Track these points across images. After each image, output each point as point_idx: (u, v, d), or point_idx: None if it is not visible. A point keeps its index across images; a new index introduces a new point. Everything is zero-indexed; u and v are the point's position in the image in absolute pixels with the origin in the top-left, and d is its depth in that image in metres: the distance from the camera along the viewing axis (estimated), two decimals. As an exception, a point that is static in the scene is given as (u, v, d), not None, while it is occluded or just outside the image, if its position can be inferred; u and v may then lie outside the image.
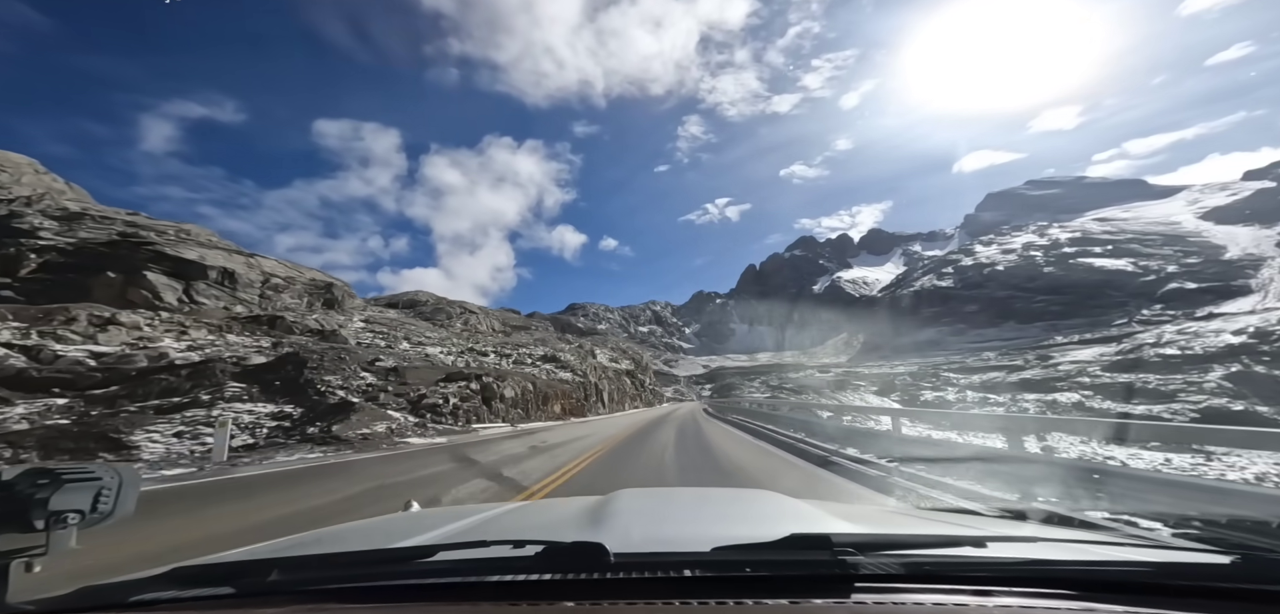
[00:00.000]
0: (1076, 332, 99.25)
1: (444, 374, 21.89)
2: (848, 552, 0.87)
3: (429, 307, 53.37)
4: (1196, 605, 0.75)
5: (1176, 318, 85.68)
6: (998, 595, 0.80)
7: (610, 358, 58.92)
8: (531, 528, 1.36)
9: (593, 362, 42.42)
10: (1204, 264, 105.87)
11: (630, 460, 9.88)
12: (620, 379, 51.02)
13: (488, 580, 0.89)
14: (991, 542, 0.96)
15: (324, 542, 1.31)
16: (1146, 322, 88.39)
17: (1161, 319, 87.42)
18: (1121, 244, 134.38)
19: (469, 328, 50.92)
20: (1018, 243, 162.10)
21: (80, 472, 0.94)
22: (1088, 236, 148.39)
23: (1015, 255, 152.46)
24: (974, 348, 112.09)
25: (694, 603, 0.78)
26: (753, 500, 1.88)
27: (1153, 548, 1.05)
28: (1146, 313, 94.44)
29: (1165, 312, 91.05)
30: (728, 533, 1.16)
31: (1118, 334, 78.79)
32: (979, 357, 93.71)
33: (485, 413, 20.02)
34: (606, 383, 41.03)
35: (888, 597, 0.80)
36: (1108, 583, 0.83)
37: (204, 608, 0.89)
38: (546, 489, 7.00)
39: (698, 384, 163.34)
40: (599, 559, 0.87)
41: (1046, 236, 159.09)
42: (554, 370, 32.17)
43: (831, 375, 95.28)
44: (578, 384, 32.42)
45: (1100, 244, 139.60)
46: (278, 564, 0.97)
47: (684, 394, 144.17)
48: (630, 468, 8.91)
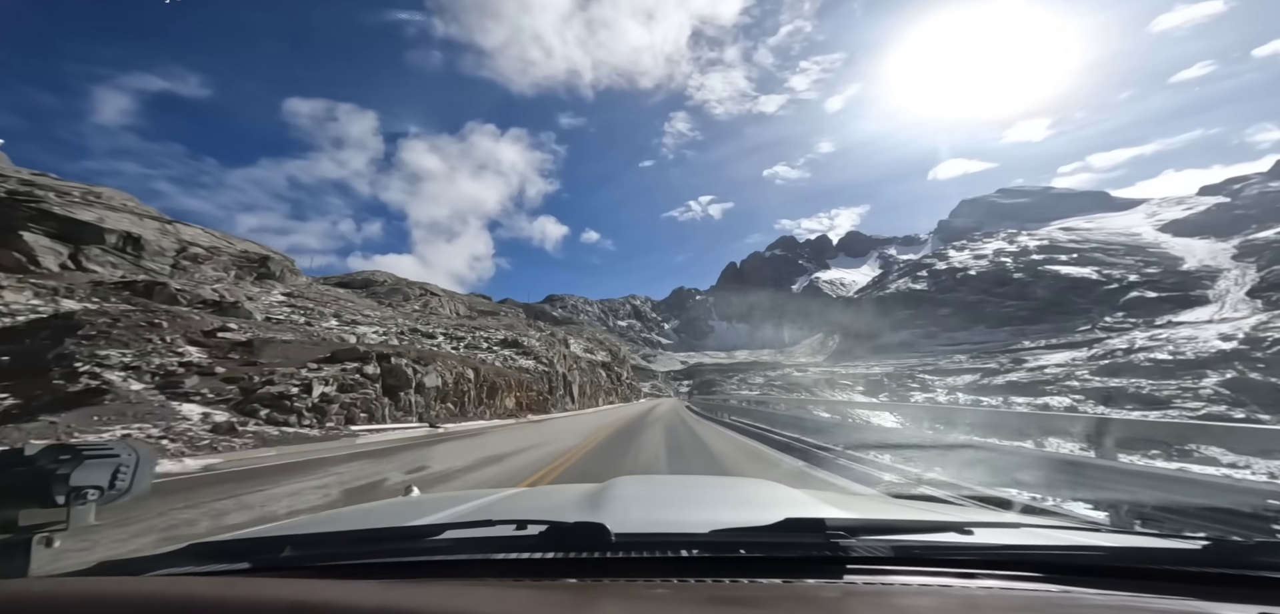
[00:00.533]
0: (1043, 336, 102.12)
1: (328, 353, 17.30)
2: (839, 535, 0.90)
3: (385, 287, 49.79)
4: (1170, 588, 0.78)
5: (1138, 325, 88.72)
6: (981, 577, 0.83)
7: (585, 348, 56.74)
8: (534, 510, 1.43)
9: (563, 351, 39.33)
10: (1163, 274, 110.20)
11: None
12: (594, 372, 48.72)
13: (493, 558, 0.92)
14: (976, 528, 1.00)
15: (335, 522, 1.36)
16: (1109, 328, 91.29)
17: (1124, 326, 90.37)
18: (1086, 253, 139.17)
19: (428, 310, 47.22)
20: (989, 249, 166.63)
21: (100, 449, 0.96)
22: (1054, 245, 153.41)
23: (986, 261, 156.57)
24: (945, 350, 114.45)
25: (691, 582, 0.81)
26: (748, 488, 1.94)
27: (1128, 534, 1.09)
28: (1109, 319, 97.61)
29: (1127, 319, 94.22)
30: (724, 517, 1.24)
31: (1083, 339, 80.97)
32: (951, 359, 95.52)
33: (387, 408, 15.13)
34: (578, 375, 38.14)
35: (877, 578, 0.83)
36: (1085, 566, 0.86)
37: (219, 581, 0.90)
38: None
39: (676, 380, 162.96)
40: (601, 538, 0.89)
41: (1016, 243, 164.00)
42: (513, 357, 28.99)
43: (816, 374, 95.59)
44: (541, 374, 28.93)
45: (1066, 252, 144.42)
46: (290, 541, 1.00)
47: (662, 390, 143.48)
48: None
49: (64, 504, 0.88)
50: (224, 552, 0.99)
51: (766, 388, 78.23)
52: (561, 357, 36.55)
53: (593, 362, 51.79)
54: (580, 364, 43.16)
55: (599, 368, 53.41)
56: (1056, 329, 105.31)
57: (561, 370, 33.29)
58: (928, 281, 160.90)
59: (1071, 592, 0.78)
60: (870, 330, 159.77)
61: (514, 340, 33.58)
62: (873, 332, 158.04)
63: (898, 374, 71.23)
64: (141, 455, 1.01)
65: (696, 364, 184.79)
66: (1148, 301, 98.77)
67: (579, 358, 45.56)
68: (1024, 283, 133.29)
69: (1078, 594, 0.78)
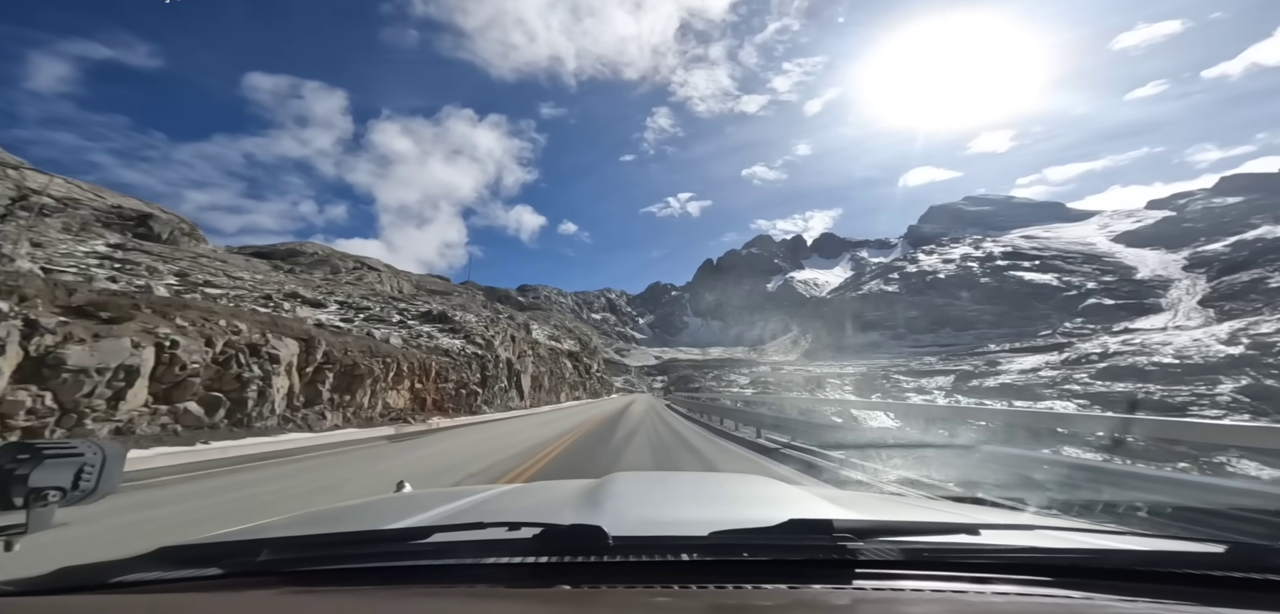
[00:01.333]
0: (1006, 339, 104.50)
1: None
2: (847, 537, 0.87)
3: (312, 258, 44.75)
4: (1188, 593, 0.76)
5: (1097, 330, 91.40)
6: (995, 583, 0.80)
7: (549, 334, 53.53)
8: (528, 510, 1.37)
9: (513, 332, 33.89)
10: (1119, 282, 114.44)
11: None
12: (557, 362, 44.59)
13: (484, 562, 0.88)
14: (986, 529, 0.97)
15: (317, 523, 1.30)
16: (1069, 333, 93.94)
17: (1083, 331, 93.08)
18: (1047, 260, 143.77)
19: (364, 285, 41.90)
20: (957, 253, 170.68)
21: (62, 447, 0.93)
22: (1017, 251, 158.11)
23: (954, 265, 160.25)
24: (913, 352, 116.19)
25: (692, 588, 0.78)
26: (749, 485, 1.87)
27: (1145, 537, 1.07)
28: (1069, 325, 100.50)
29: (1086, 324, 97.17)
30: (726, 516, 1.21)
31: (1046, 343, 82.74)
32: (921, 360, 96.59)
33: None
34: (532, 363, 33.03)
35: (887, 583, 0.79)
36: (1100, 570, 0.84)
37: (189, 589, 0.86)
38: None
39: (650, 375, 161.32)
40: (597, 542, 0.86)
41: (981, 249, 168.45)
42: (434, 334, 23.20)
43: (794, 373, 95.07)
44: (471, 359, 22.60)
45: (1029, 258, 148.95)
46: (267, 544, 0.95)
47: (635, 385, 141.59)
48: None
49: (23, 506, 0.85)
50: (195, 556, 0.92)
51: (754, 385, 76.85)
52: (508, 339, 30.91)
53: (556, 350, 47.54)
54: (538, 350, 38.55)
55: (564, 358, 49.21)
56: (1018, 333, 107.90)
57: (504, 355, 27.40)
58: (899, 284, 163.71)
59: (1093, 599, 0.74)
60: (842, 330, 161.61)
61: (441, 314, 27.79)
62: (844, 331, 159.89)
63: (872, 375, 70.95)
64: (109, 453, 0.96)
65: (671, 359, 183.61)
66: (1105, 308, 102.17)
67: (538, 343, 40.89)
68: (989, 287, 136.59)
69: (1098, 601, 0.74)
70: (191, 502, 5.82)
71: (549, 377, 37.52)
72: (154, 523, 4.88)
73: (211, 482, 6.96)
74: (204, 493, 6.25)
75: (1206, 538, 0.90)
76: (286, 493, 6.47)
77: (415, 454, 10.79)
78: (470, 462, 9.45)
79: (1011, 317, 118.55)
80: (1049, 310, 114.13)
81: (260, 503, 5.86)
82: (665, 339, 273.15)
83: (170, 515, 5.20)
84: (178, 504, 5.70)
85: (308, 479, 7.45)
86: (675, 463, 9.82)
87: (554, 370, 41.27)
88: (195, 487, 6.57)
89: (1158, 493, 3.35)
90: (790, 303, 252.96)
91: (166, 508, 5.49)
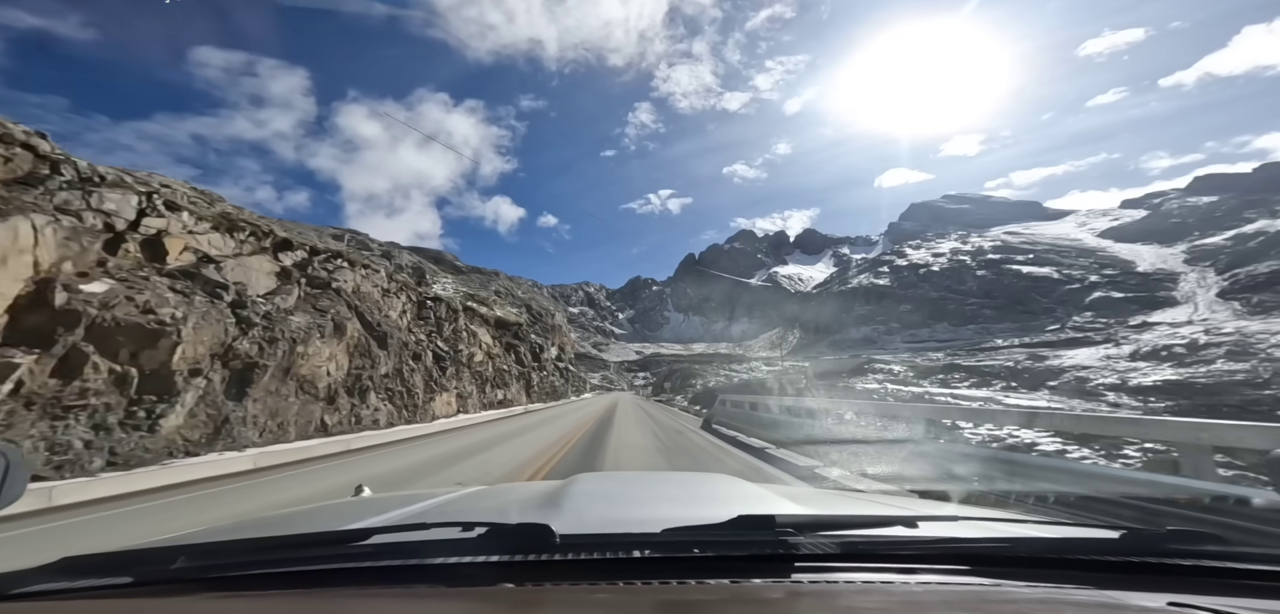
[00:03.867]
0: (1011, 334, 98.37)
1: None
2: (788, 532, 0.91)
3: None
4: (1089, 578, 0.82)
5: (1110, 324, 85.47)
6: (921, 572, 0.85)
7: (469, 293, 38.26)
8: (484, 511, 1.38)
9: (390, 288, 20.12)
10: (1121, 276, 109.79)
11: None
12: (479, 342, 28.91)
13: (427, 563, 0.86)
14: (921, 521, 1.02)
15: (245, 529, 1.22)
16: (1081, 327, 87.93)
17: (1096, 325, 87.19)
18: (1040, 254, 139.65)
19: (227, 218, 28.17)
20: (946, 248, 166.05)
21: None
22: (1007, 245, 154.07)
23: (946, 258, 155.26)
24: (911, 346, 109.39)
25: (638, 584, 0.79)
26: (706, 483, 1.92)
27: (1054, 525, 1.16)
28: (1078, 319, 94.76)
29: (1097, 318, 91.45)
30: (680, 514, 1.24)
31: (1098, 336, 75.93)
32: (925, 356, 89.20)
33: None
34: (396, 352, 18.01)
35: (823, 575, 0.83)
36: (1015, 558, 0.91)
37: (99, 599, 0.81)
38: None
39: (630, 371, 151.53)
40: (544, 540, 0.85)
41: (969, 243, 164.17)
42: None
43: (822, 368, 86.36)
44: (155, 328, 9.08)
45: (1021, 253, 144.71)
46: (184, 550, 0.89)
47: (614, 383, 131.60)
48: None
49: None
50: (104, 566, 0.86)
51: (773, 382, 67.04)
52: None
53: (477, 313, 30.75)
54: (437, 312, 23.10)
55: (499, 344, 31.91)
56: (1022, 327, 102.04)
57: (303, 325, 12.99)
58: (890, 277, 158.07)
59: (1001, 585, 0.81)
60: (831, 325, 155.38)
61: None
62: (834, 326, 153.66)
63: (928, 368, 62.41)
64: (12, 460, 0.90)
65: (653, 354, 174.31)
66: (1114, 302, 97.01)
67: (439, 301, 24.42)
68: (986, 280, 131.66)
69: (1007, 587, 0.80)
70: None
71: (454, 373, 21.94)
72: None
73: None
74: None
75: (1105, 525, 0.99)
76: None
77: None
78: None
79: (1013, 310, 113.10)
80: (1052, 303, 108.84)
81: None
82: (645, 335, 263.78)
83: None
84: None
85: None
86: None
87: (471, 363, 25.48)
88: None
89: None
90: (775, 298, 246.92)
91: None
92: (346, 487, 7.40)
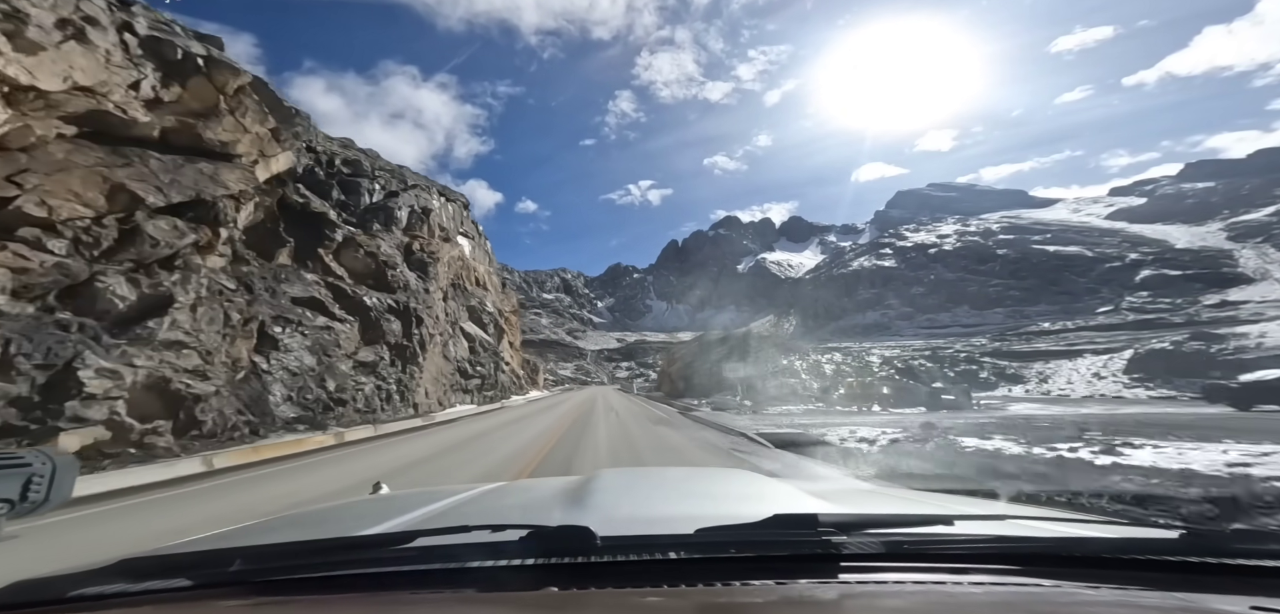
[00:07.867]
0: (1049, 318, 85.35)
1: None
2: (831, 532, 0.87)
3: None
4: (1152, 579, 0.78)
5: (1179, 304, 72.69)
6: (973, 572, 0.81)
7: None
8: (512, 510, 1.34)
9: None
10: (1166, 255, 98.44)
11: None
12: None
13: (470, 566, 0.85)
14: (960, 520, 0.99)
15: (294, 527, 1.25)
16: (1141, 307, 75.24)
17: (1156, 306, 74.61)
18: (1059, 235, 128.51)
19: None
20: (949, 230, 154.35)
21: (9, 457, 0.89)
22: (1017, 226, 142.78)
23: (953, 239, 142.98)
24: (929, 331, 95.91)
25: (682, 586, 0.77)
26: (734, 481, 1.90)
27: (1107, 524, 1.11)
28: (1132, 300, 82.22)
29: (1157, 297, 79.00)
30: (711, 513, 1.22)
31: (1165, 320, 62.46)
32: (967, 341, 74.64)
33: None
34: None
35: (870, 576, 0.80)
36: (1068, 558, 0.87)
37: (157, 602, 0.80)
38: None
39: (611, 361, 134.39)
40: (586, 543, 0.83)
41: (972, 225, 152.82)
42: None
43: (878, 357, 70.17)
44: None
45: (1036, 233, 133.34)
46: (241, 553, 0.89)
47: (591, 375, 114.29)
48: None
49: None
50: (163, 567, 0.86)
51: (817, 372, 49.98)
52: None
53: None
54: None
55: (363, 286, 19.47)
56: (1063, 309, 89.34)
57: None
58: (895, 259, 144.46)
59: (1061, 587, 0.77)
60: (833, 310, 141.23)
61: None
62: (836, 312, 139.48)
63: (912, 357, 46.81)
64: (58, 464, 0.91)
65: (636, 342, 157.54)
66: (1171, 280, 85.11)
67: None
68: (1010, 260, 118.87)
69: (1067, 589, 0.76)
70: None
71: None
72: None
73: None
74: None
75: (1163, 524, 0.90)
76: None
77: None
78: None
79: (1047, 291, 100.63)
80: (1094, 283, 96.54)
81: None
82: (626, 323, 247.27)
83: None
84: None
85: None
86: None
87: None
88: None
89: None
90: (764, 284, 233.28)
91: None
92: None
